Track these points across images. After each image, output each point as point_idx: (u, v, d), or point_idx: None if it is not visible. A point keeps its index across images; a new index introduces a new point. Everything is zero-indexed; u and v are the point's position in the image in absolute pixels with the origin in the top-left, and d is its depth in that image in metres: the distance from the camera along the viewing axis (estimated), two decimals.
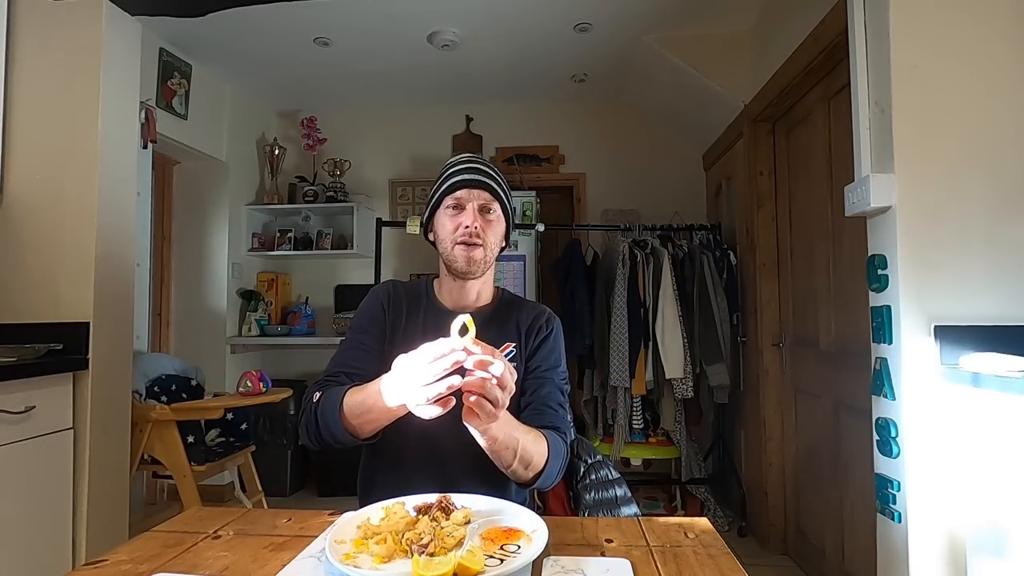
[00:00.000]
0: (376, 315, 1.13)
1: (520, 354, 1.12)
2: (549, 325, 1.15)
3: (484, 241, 1.07)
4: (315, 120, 3.69)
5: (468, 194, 1.07)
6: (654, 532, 0.82)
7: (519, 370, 1.10)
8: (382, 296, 1.15)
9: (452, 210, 1.08)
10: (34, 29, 2.04)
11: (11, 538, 1.68)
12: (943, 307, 1.38)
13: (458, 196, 1.08)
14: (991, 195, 1.40)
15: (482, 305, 1.16)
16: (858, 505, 1.90)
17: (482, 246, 1.07)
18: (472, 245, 1.06)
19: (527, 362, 1.12)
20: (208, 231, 3.34)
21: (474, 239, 1.06)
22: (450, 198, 1.08)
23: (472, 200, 1.07)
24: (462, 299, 1.14)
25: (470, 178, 1.07)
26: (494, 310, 1.16)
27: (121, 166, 2.15)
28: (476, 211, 1.07)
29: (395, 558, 0.69)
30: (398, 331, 1.12)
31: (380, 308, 1.13)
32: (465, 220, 1.06)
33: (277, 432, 3.30)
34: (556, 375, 1.12)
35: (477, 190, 1.07)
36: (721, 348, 2.79)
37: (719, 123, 3.03)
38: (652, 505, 3.06)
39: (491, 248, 1.09)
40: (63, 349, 1.93)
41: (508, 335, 1.13)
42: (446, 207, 1.09)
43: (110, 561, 0.72)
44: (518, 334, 1.13)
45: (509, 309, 1.17)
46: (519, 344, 1.12)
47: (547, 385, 1.10)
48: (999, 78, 1.41)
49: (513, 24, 2.72)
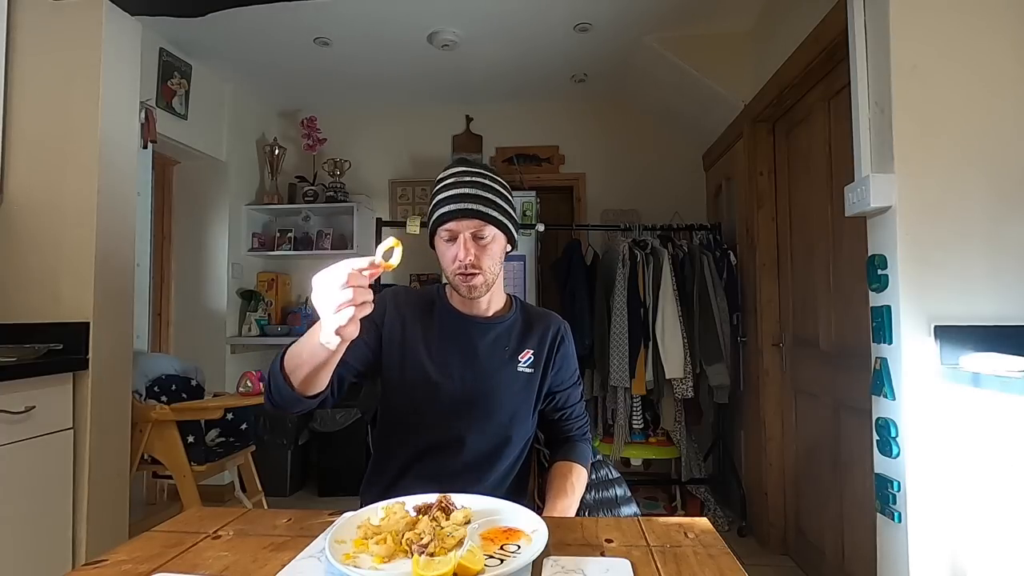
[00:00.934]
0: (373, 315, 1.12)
1: (541, 363, 1.17)
2: (567, 334, 1.23)
3: (481, 268, 1.07)
4: (315, 120, 3.69)
5: (458, 225, 1.06)
6: (654, 532, 0.82)
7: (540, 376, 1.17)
8: (388, 301, 1.16)
9: (446, 242, 1.08)
10: (34, 29, 2.04)
11: (11, 538, 1.67)
12: (943, 307, 1.38)
13: (449, 228, 1.07)
14: (991, 195, 1.40)
15: (496, 312, 1.18)
16: (858, 505, 1.89)
17: (480, 272, 1.07)
18: (470, 275, 1.07)
19: (553, 373, 1.19)
20: (208, 231, 3.34)
21: (470, 270, 1.06)
22: (442, 229, 1.08)
23: (463, 230, 1.06)
24: (473, 307, 1.15)
25: (457, 208, 1.05)
26: (516, 319, 1.19)
27: (121, 166, 2.15)
28: (469, 240, 1.06)
29: (395, 558, 0.69)
30: (409, 333, 1.13)
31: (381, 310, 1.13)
32: (459, 253, 1.06)
33: (277, 432, 3.30)
34: (576, 382, 1.24)
35: (467, 220, 1.05)
36: (721, 348, 2.79)
37: (719, 123, 3.03)
38: (652, 505, 3.06)
39: (489, 271, 1.09)
40: (63, 349, 1.93)
41: (527, 343, 1.17)
42: (440, 236, 1.09)
43: (110, 561, 0.72)
44: (540, 345, 1.18)
45: (528, 319, 1.21)
46: (540, 355, 1.17)
47: (573, 393, 1.23)
48: (999, 78, 1.41)
49: (513, 24, 2.72)
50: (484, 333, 1.15)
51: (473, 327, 1.15)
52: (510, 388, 1.14)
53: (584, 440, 1.23)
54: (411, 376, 1.11)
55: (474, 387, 1.11)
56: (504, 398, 1.13)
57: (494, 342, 1.15)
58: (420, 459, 1.10)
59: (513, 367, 1.14)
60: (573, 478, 1.11)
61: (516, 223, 1.13)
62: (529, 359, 1.15)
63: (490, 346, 1.14)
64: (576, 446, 1.20)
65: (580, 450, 1.19)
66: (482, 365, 1.13)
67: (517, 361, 1.15)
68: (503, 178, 1.14)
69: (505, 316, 1.18)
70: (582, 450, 1.19)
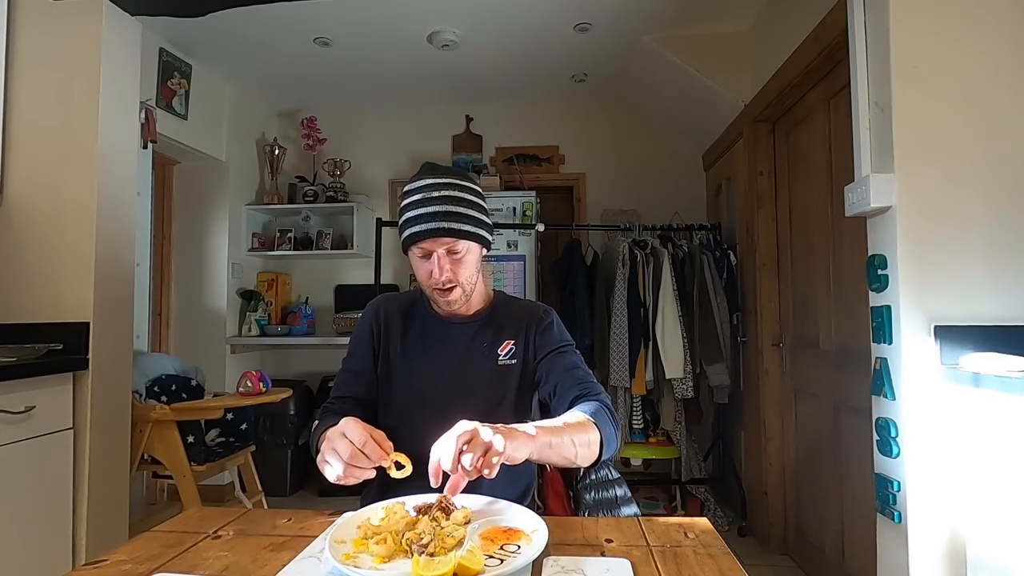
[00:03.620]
0: (364, 339, 1.18)
1: (522, 351, 1.15)
2: (547, 316, 1.19)
3: (457, 281, 1.08)
4: (315, 120, 3.69)
5: (432, 243, 1.05)
6: (654, 532, 0.82)
7: (524, 365, 1.15)
8: (371, 317, 1.19)
9: (420, 258, 1.08)
10: (34, 29, 2.04)
11: (11, 538, 1.67)
12: (943, 307, 1.38)
13: (422, 247, 1.06)
14: (991, 195, 1.40)
15: (477, 311, 1.19)
16: (858, 505, 1.89)
17: (457, 286, 1.08)
18: (447, 290, 1.08)
19: (536, 352, 1.15)
20: (208, 231, 3.34)
21: (447, 285, 1.07)
22: (415, 247, 1.07)
23: (436, 247, 1.05)
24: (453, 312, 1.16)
25: (428, 228, 1.04)
26: (489, 314, 1.19)
27: (121, 166, 2.14)
28: (443, 257, 1.05)
29: (395, 558, 0.69)
30: (393, 345, 1.16)
31: (368, 331, 1.18)
32: (434, 271, 1.06)
33: (277, 432, 3.30)
34: (561, 348, 1.15)
35: (440, 238, 1.04)
36: (721, 348, 2.79)
37: (719, 123, 3.03)
38: (652, 505, 3.06)
39: (467, 282, 1.10)
40: (63, 349, 1.93)
41: (505, 335, 1.16)
42: (413, 252, 1.09)
43: (110, 561, 0.72)
44: (515, 331, 1.16)
45: (504, 310, 1.20)
46: (519, 340, 1.15)
47: (565, 356, 1.14)
48: (1000, 78, 1.41)
49: (513, 24, 2.72)
50: (463, 333, 1.16)
51: (452, 328, 1.16)
52: (494, 382, 1.14)
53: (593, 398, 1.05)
54: (397, 387, 1.14)
55: (458, 388, 1.12)
56: (489, 393, 1.13)
57: (471, 340, 1.16)
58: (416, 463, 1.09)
59: (493, 361, 1.14)
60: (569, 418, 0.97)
61: (490, 226, 1.12)
62: (510, 350, 1.15)
63: (468, 344, 1.15)
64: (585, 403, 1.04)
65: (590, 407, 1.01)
66: (461, 364, 1.14)
67: (497, 355, 1.15)
68: (472, 181, 1.12)
69: (483, 313, 1.19)
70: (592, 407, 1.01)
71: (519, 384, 1.15)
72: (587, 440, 0.93)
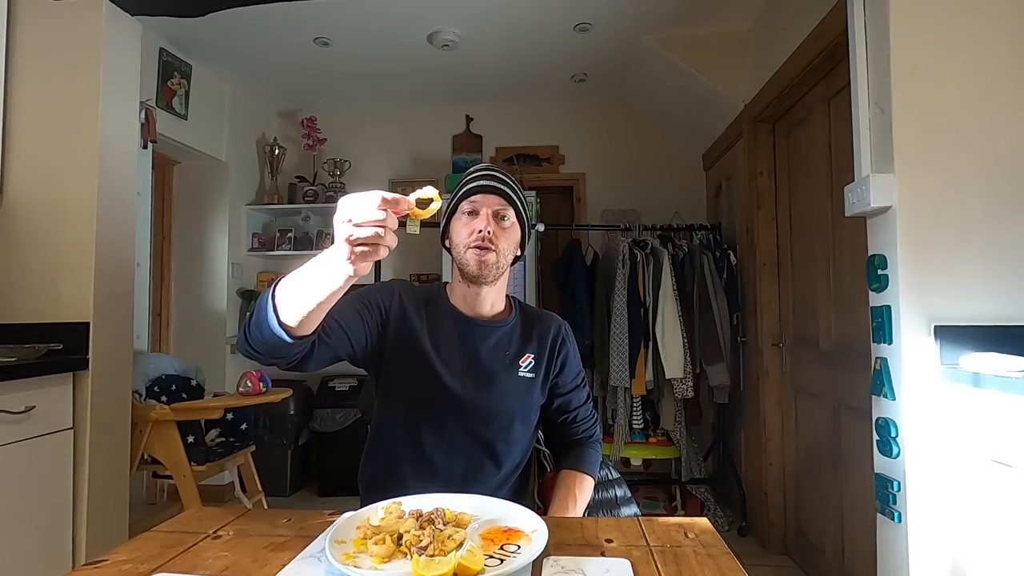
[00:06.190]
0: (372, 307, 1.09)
1: (542, 368, 1.16)
2: (567, 337, 1.21)
3: (497, 247, 1.07)
4: (315, 120, 3.69)
5: (483, 199, 1.09)
6: (654, 532, 0.82)
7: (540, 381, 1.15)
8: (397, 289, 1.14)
9: (467, 216, 1.09)
10: (34, 29, 2.04)
11: (11, 538, 1.67)
12: (943, 307, 1.38)
13: (474, 200, 1.09)
14: (991, 195, 1.40)
15: (497, 314, 1.17)
16: (858, 505, 1.89)
17: (495, 251, 1.07)
18: (485, 249, 1.06)
19: (554, 377, 1.18)
20: (208, 231, 3.34)
21: (487, 243, 1.06)
22: (466, 203, 1.09)
23: (486, 205, 1.08)
24: (476, 306, 1.14)
25: (485, 184, 1.09)
26: (516, 323, 1.18)
27: (121, 166, 2.14)
28: (490, 216, 1.07)
29: (395, 558, 0.69)
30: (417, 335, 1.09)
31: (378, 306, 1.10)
32: (479, 225, 1.07)
33: (277, 432, 3.30)
34: (581, 383, 1.22)
35: (492, 195, 1.08)
36: (721, 348, 2.79)
37: (719, 123, 3.03)
38: (652, 505, 3.06)
39: (504, 254, 1.09)
40: (63, 349, 1.93)
41: (527, 347, 1.16)
42: (461, 212, 1.10)
43: (110, 561, 0.72)
44: (537, 346, 1.16)
45: (526, 320, 1.19)
46: (540, 359, 1.16)
47: (577, 395, 1.21)
48: (1000, 78, 1.41)
49: (513, 24, 2.72)
50: (486, 336, 1.13)
51: (475, 329, 1.13)
52: (511, 394, 1.12)
53: (592, 444, 1.20)
54: (415, 371, 1.08)
55: (475, 391, 1.09)
56: (505, 404, 1.11)
57: (495, 346, 1.13)
58: (418, 458, 1.09)
59: (514, 372, 1.13)
60: (577, 491, 1.10)
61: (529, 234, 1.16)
62: (530, 363, 1.14)
63: (491, 350, 1.13)
64: (584, 452, 1.17)
65: (588, 456, 1.17)
66: (483, 369, 1.11)
67: (518, 366, 1.13)
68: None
69: (506, 319, 1.16)
70: (589, 456, 1.17)
71: (534, 399, 1.15)
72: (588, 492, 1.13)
